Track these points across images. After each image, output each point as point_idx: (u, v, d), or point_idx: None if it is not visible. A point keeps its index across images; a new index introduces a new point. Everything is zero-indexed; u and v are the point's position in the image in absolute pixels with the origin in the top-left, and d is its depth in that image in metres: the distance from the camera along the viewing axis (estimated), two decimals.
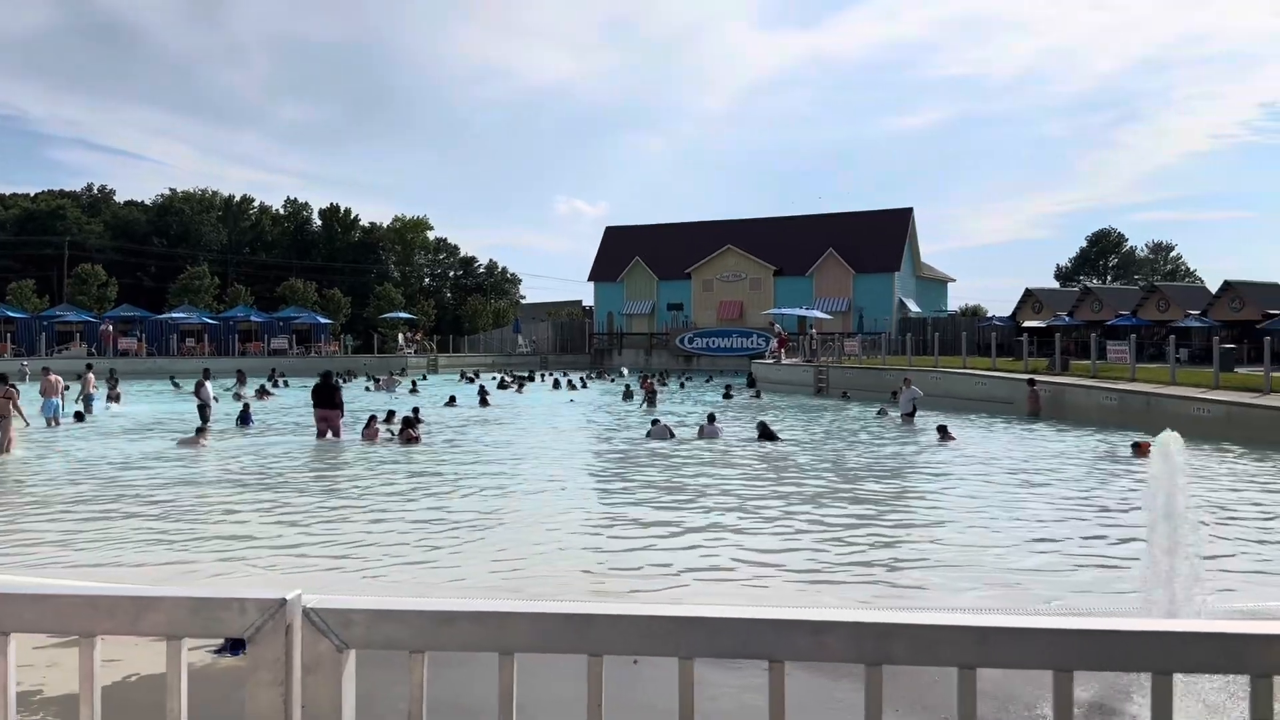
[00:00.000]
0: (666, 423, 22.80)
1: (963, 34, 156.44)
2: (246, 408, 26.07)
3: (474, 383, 41.76)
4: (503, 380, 44.08)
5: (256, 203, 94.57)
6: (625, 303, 69.91)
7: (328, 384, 22.26)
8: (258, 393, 34.11)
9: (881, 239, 64.11)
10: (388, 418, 23.48)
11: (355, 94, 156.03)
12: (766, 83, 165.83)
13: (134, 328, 57.06)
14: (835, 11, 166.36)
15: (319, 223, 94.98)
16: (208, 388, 25.08)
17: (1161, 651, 1.69)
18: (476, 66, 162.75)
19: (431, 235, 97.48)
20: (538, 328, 74.57)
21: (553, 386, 42.70)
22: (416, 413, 23.88)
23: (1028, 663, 1.71)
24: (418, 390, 38.41)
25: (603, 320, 70.03)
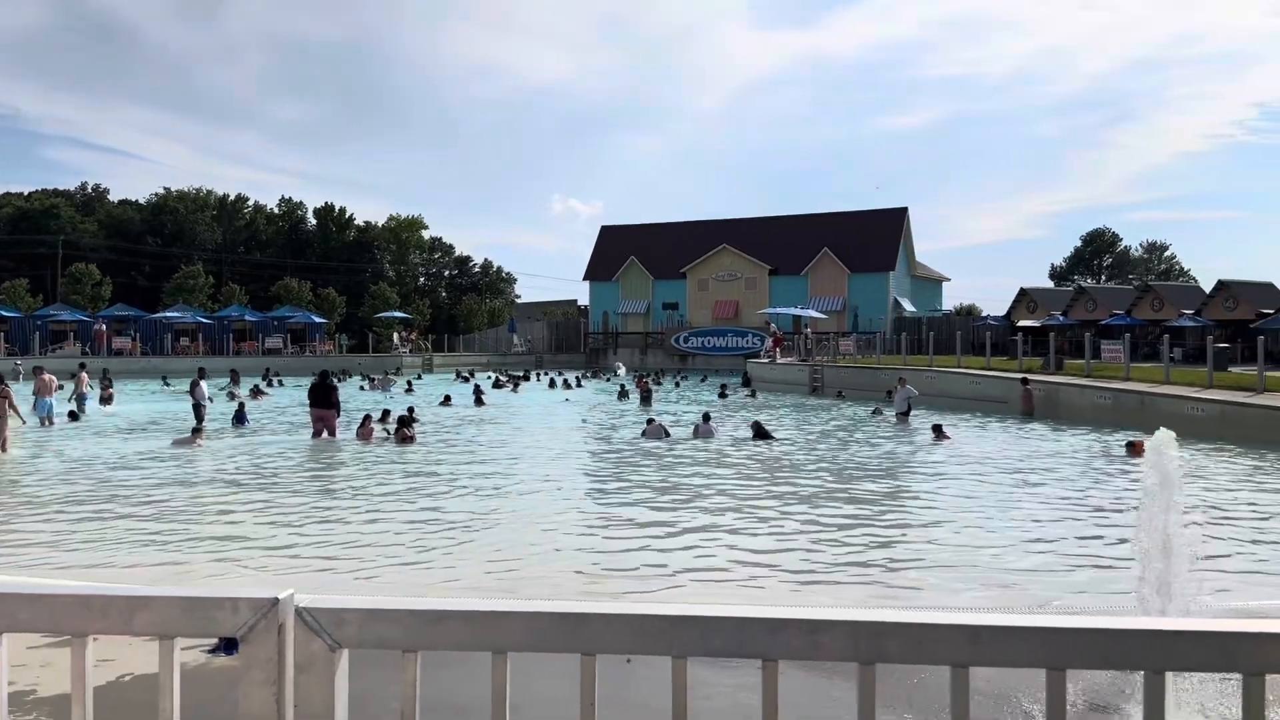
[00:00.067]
0: (661, 422, 22.80)
1: (956, 34, 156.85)
2: (242, 407, 26.03)
3: (469, 382, 41.73)
4: (497, 379, 44.05)
5: (251, 202, 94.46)
6: (620, 302, 69.91)
7: (324, 383, 22.21)
8: (252, 392, 34.07)
9: (876, 238, 64.19)
10: (382, 417, 23.46)
11: (350, 93, 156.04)
12: (762, 82, 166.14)
13: (128, 327, 56.96)
14: (830, 11, 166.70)
15: (314, 222, 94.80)
16: (203, 387, 24.99)
17: (1154, 650, 1.70)
18: (472, 65, 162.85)
19: (426, 234, 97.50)
20: (533, 327, 74.56)
21: (548, 386, 42.70)
22: (411, 412, 23.85)
23: (1021, 661, 1.71)
24: (413, 390, 38.36)
25: (598, 319, 70.02)
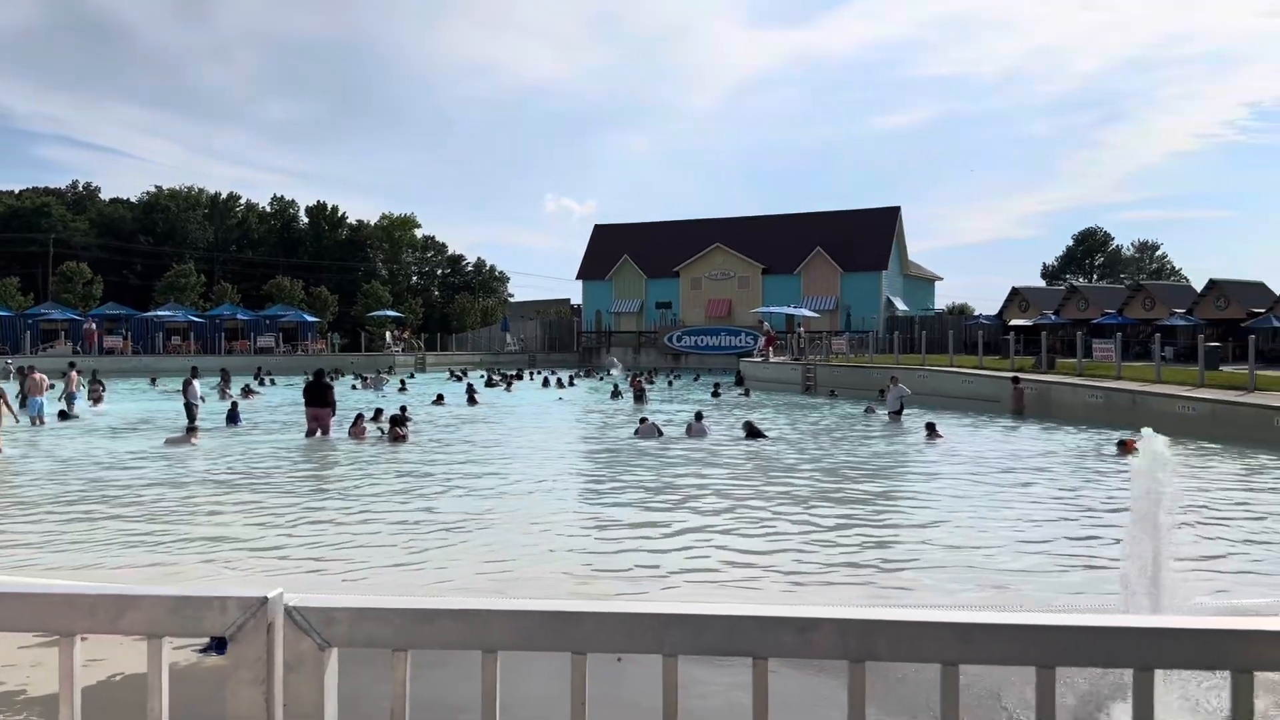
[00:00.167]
0: (654, 421, 22.80)
1: (949, 34, 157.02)
2: (234, 406, 25.97)
3: (462, 381, 41.68)
4: (490, 378, 44.01)
5: (243, 200, 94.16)
6: (614, 301, 69.89)
7: (320, 382, 22.17)
8: (243, 391, 33.97)
9: (869, 238, 64.29)
10: (375, 416, 23.43)
11: (343, 91, 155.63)
12: (755, 81, 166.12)
13: (119, 326, 56.78)
14: (823, 10, 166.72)
15: (306, 220, 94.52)
16: (195, 386, 24.92)
17: (1142, 647, 1.70)
18: (465, 64, 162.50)
19: (419, 233, 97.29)
20: (526, 326, 74.45)
21: (542, 385, 42.68)
22: (404, 411, 23.82)
23: (1010, 659, 1.71)
24: (406, 389, 38.30)
25: (591, 318, 70.00)
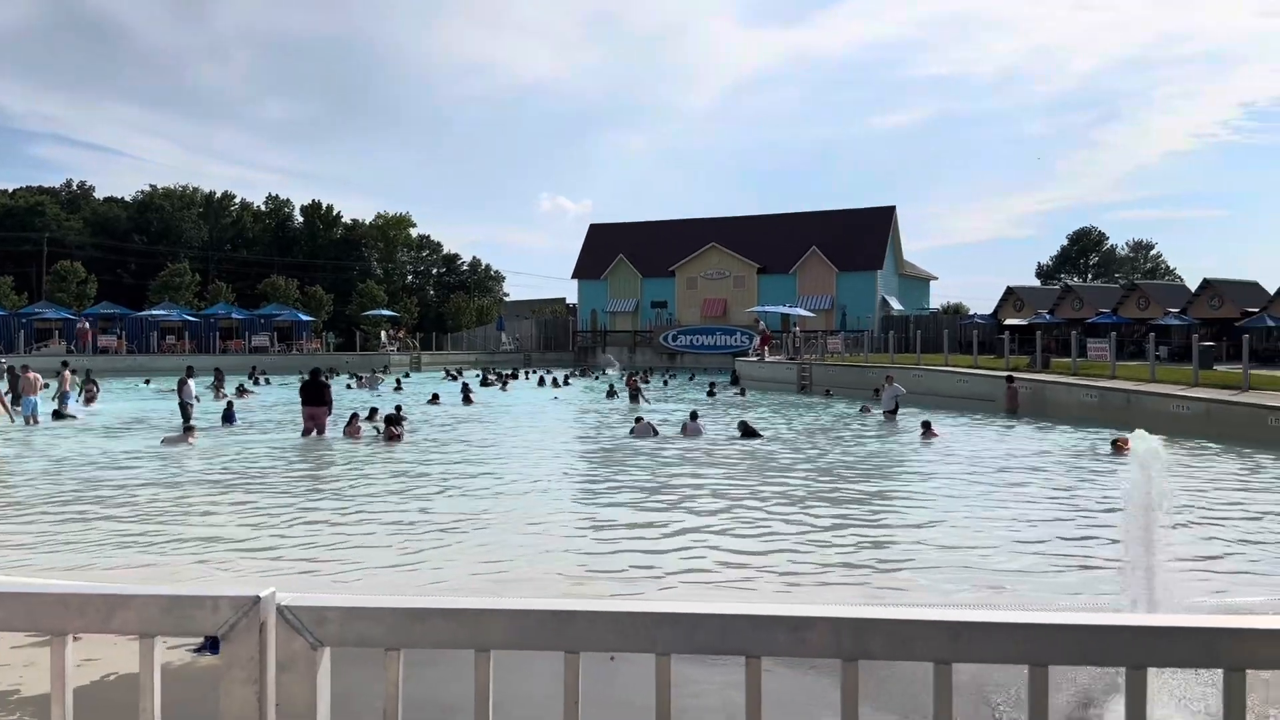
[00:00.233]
0: (650, 420, 22.80)
1: (946, 33, 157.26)
2: (230, 405, 25.95)
3: (457, 380, 41.66)
4: (485, 377, 43.99)
5: (238, 199, 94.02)
6: (609, 300, 69.86)
7: (317, 381, 22.15)
8: (238, 390, 33.93)
9: (864, 237, 64.32)
10: (370, 415, 23.41)
11: (337, 90, 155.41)
12: (751, 81, 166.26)
13: (114, 325, 56.63)
14: (819, 10, 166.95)
15: (300, 219, 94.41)
16: (190, 386, 24.87)
17: (1135, 646, 1.70)
18: (461, 63, 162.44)
19: (414, 232, 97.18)
20: (521, 325, 74.40)
21: (537, 384, 42.69)
22: (399, 410, 23.80)
23: (1003, 657, 1.71)
24: (401, 388, 38.28)
25: (586, 318, 69.96)
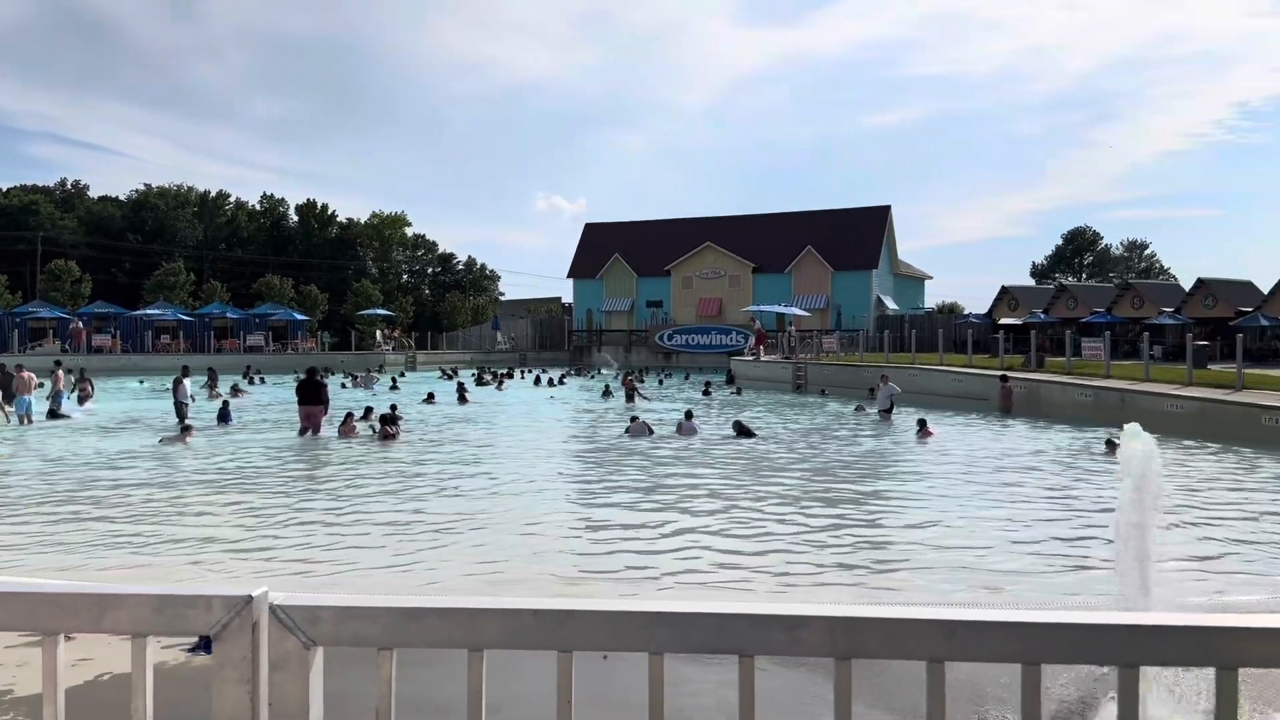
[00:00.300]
0: (645, 420, 22.80)
1: (939, 33, 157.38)
2: (226, 405, 25.91)
3: (453, 380, 41.63)
4: (480, 376, 43.96)
5: (232, 198, 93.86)
6: (604, 300, 69.83)
7: (313, 380, 22.12)
8: (232, 390, 33.89)
9: (859, 236, 64.39)
10: (365, 415, 23.39)
11: (332, 89, 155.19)
12: (745, 80, 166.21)
13: (108, 324, 56.50)
14: (813, 9, 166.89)
15: (295, 219, 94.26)
16: (185, 385, 24.82)
17: (1128, 644, 1.70)
18: (455, 62, 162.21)
19: (409, 231, 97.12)
20: (517, 325, 74.36)
21: (533, 383, 42.69)
22: (394, 409, 23.76)
23: (996, 656, 1.71)
24: (397, 387, 38.25)
25: (582, 317, 69.94)
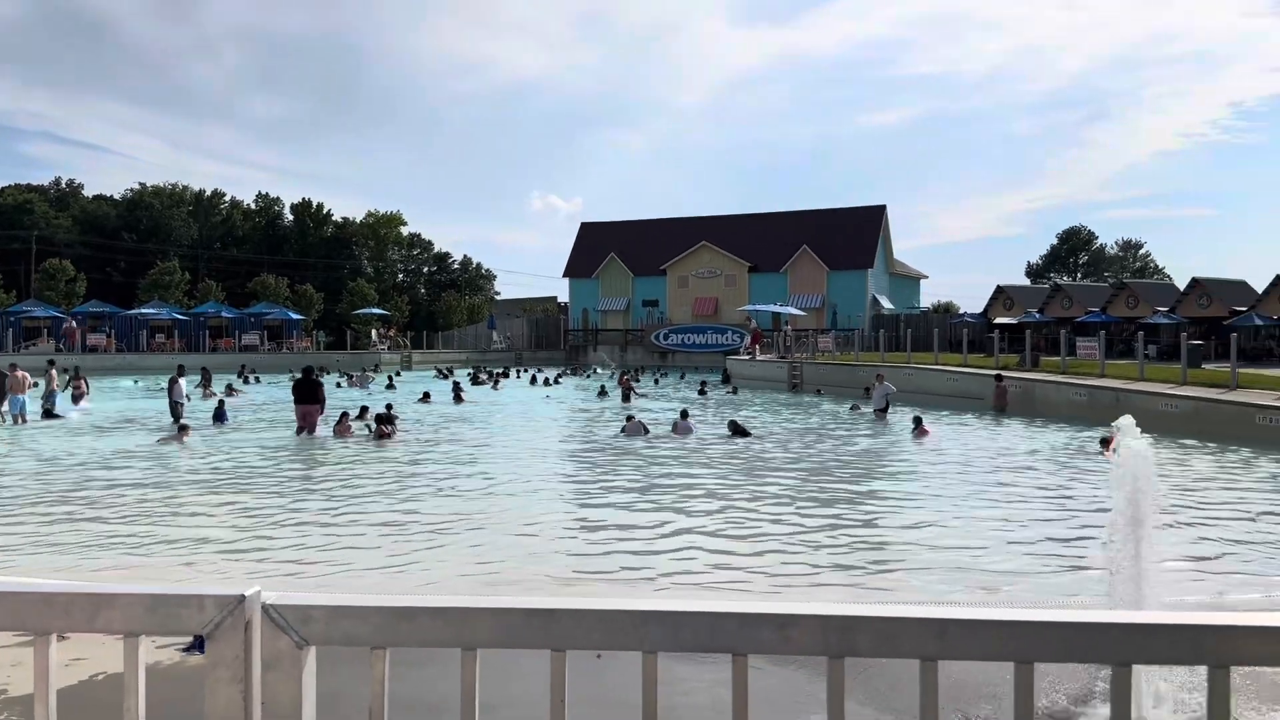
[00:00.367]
0: (641, 419, 22.80)
1: (934, 32, 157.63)
2: (221, 404, 25.87)
3: (448, 379, 41.61)
4: (476, 375, 43.93)
5: (227, 197, 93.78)
6: (600, 299, 69.81)
7: (309, 379, 22.10)
8: (227, 389, 33.84)
9: (855, 236, 64.45)
10: (360, 414, 23.35)
11: (328, 88, 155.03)
12: (741, 79, 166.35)
13: (103, 323, 56.38)
14: (809, 9, 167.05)
15: (291, 218, 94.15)
16: (181, 385, 24.76)
17: (1120, 643, 1.70)
18: (451, 61, 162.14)
19: (405, 231, 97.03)
20: (512, 324, 74.31)
21: (529, 383, 42.69)
22: (390, 409, 23.73)
23: (988, 654, 1.71)
24: (394, 386, 38.22)
25: (578, 316, 69.92)
